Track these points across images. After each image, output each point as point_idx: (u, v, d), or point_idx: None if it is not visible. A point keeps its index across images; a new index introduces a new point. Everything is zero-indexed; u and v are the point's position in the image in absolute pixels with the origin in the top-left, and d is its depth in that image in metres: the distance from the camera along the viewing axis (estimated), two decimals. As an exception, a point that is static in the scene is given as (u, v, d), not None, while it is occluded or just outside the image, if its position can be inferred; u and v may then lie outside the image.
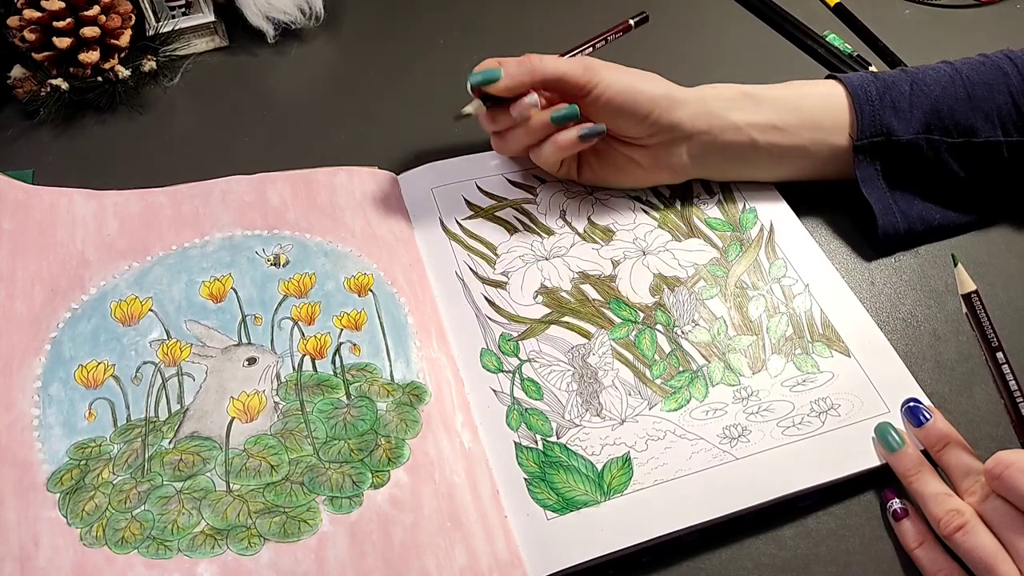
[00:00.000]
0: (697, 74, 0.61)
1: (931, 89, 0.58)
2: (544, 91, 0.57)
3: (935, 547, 0.45)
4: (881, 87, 0.58)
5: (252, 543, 0.45)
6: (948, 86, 0.58)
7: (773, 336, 0.55)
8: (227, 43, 0.76)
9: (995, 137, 0.57)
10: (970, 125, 0.57)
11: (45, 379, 0.51)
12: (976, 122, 0.57)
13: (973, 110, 0.57)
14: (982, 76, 0.58)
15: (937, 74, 0.59)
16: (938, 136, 0.57)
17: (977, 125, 0.57)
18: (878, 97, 0.57)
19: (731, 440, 0.50)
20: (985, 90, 0.57)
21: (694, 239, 0.60)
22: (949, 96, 0.57)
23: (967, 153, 0.58)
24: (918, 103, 0.57)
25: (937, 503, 0.45)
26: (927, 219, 0.59)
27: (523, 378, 0.52)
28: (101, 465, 0.47)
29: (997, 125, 0.57)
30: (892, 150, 0.58)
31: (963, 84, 0.58)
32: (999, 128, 0.57)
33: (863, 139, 0.57)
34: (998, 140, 0.57)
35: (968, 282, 0.46)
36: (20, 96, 0.69)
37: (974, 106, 0.57)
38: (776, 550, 0.47)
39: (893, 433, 0.49)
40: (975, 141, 0.57)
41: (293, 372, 0.52)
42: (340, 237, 0.59)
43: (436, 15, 0.80)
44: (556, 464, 0.49)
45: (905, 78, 0.59)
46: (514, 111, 0.55)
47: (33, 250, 0.56)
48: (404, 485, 0.47)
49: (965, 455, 0.47)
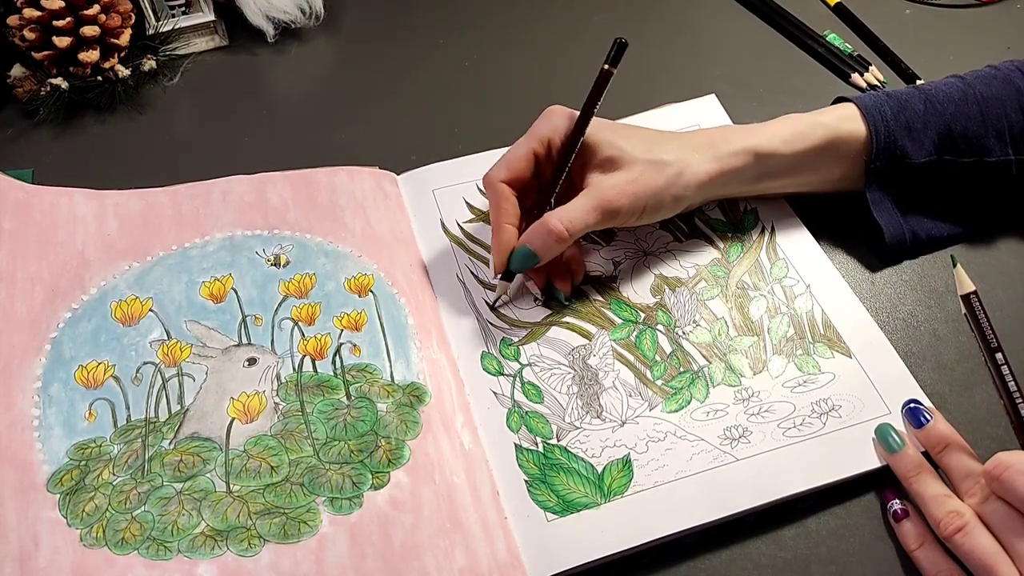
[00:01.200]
0: (697, 74, 0.61)
1: (944, 107, 0.57)
2: None
3: (935, 548, 0.45)
4: (895, 107, 0.57)
5: (252, 544, 0.45)
6: (961, 104, 0.57)
7: (774, 337, 0.55)
8: (227, 43, 0.75)
9: (1006, 156, 0.56)
10: (982, 145, 0.56)
11: (45, 379, 0.51)
12: (988, 141, 0.56)
13: (985, 129, 0.56)
14: (994, 91, 0.57)
15: (950, 90, 0.58)
16: (951, 157, 0.56)
17: (989, 144, 0.56)
18: (893, 118, 0.56)
19: (732, 441, 0.49)
20: (998, 107, 0.57)
21: (695, 240, 0.60)
22: (962, 115, 0.56)
23: (978, 172, 0.57)
24: (932, 123, 0.56)
25: (937, 504, 0.45)
26: (934, 234, 0.59)
27: (524, 382, 0.52)
28: (101, 466, 0.47)
29: (1008, 143, 0.56)
30: (904, 173, 0.57)
31: (975, 101, 0.57)
32: (1010, 147, 0.56)
33: (877, 163, 0.56)
34: (1008, 159, 0.57)
35: (967, 283, 0.45)
36: (20, 95, 0.68)
37: (986, 125, 0.56)
38: (776, 550, 0.47)
39: (893, 434, 0.49)
40: (987, 160, 0.57)
41: (293, 373, 0.52)
42: (340, 237, 0.59)
43: (436, 15, 0.79)
44: (556, 466, 0.49)
45: (919, 96, 0.58)
46: None
47: (33, 250, 0.56)
48: (404, 486, 0.47)
49: (965, 457, 0.47)
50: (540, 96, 0.71)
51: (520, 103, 0.71)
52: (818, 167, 0.57)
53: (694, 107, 0.67)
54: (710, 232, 0.60)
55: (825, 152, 0.56)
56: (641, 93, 0.69)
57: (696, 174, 0.54)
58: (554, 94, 0.71)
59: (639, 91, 0.69)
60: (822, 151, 0.56)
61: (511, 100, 0.72)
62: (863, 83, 0.71)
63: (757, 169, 0.56)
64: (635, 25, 0.78)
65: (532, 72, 0.74)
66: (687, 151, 0.55)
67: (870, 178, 0.57)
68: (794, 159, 0.56)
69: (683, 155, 0.55)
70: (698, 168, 0.55)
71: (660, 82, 0.71)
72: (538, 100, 0.70)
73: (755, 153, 0.56)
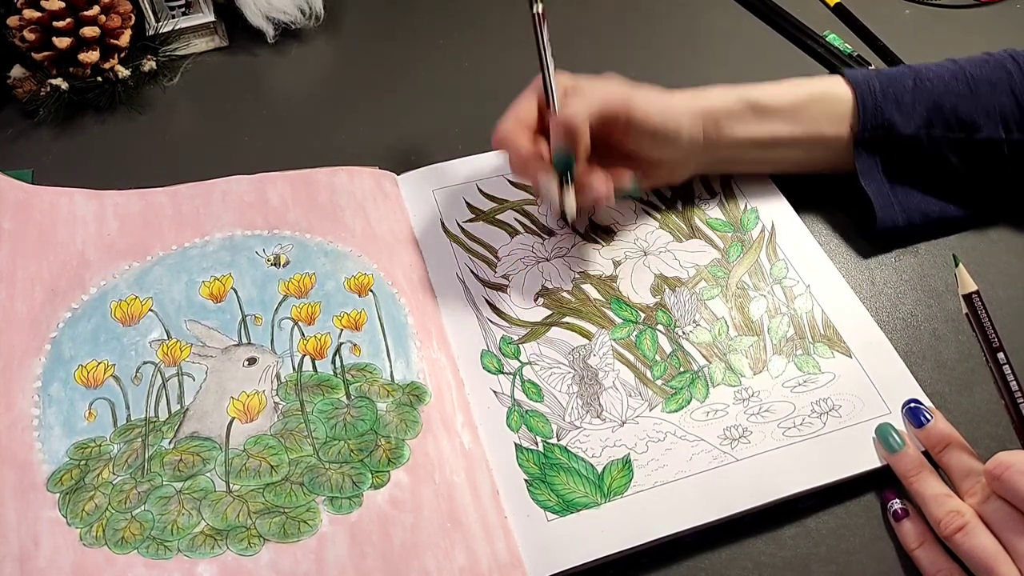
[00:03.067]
0: (697, 74, 0.61)
1: (934, 84, 0.58)
2: None
3: (935, 548, 0.45)
4: (884, 81, 0.58)
5: (252, 543, 0.45)
6: (951, 82, 0.58)
7: (774, 337, 0.55)
8: (227, 43, 0.76)
9: (996, 135, 0.57)
10: (972, 121, 0.57)
11: (45, 379, 0.51)
12: (978, 118, 0.57)
13: (975, 106, 0.57)
14: (985, 73, 0.58)
15: (940, 70, 0.59)
16: (939, 131, 0.57)
17: (979, 121, 0.57)
18: (881, 91, 0.57)
19: (732, 441, 0.49)
20: (988, 87, 0.57)
21: (695, 240, 0.60)
22: (952, 92, 0.57)
23: (967, 149, 0.58)
24: (920, 98, 0.57)
25: (937, 504, 0.45)
26: (926, 212, 0.59)
27: (524, 380, 0.52)
28: (101, 465, 0.47)
29: (999, 123, 0.57)
30: (893, 144, 0.58)
31: (966, 80, 0.58)
32: (1000, 126, 0.57)
33: (865, 132, 0.57)
34: (999, 138, 0.57)
35: (969, 282, 0.45)
36: (20, 96, 0.68)
37: (976, 103, 0.57)
38: (776, 550, 0.47)
39: (894, 434, 0.49)
40: (976, 137, 0.57)
41: (293, 372, 0.52)
42: (340, 237, 0.59)
43: (436, 15, 0.79)
44: (556, 466, 0.49)
45: (908, 73, 0.59)
46: None
47: (33, 250, 0.56)
48: (404, 486, 0.47)
49: (966, 456, 0.47)
50: (540, 96, 0.71)
51: (520, 103, 0.71)
52: (809, 120, 0.58)
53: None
54: (710, 232, 0.60)
55: (815, 104, 0.58)
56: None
57: (692, 98, 0.57)
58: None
59: (639, 91, 0.69)
60: (812, 102, 0.58)
61: (511, 100, 0.71)
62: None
63: (751, 113, 0.58)
64: (635, 25, 0.78)
65: (532, 72, 0.74)
66: (676, 97, 0.57)
67: (859, 147, 0.58)
68: (784, 108, 0.58)
69: (675, 97, 0.57)
70: (693, 97, 0.57)
71: (660, 82, 0.70)
72: (538, 100, 0.71)
73: (747, 102, 0.58)
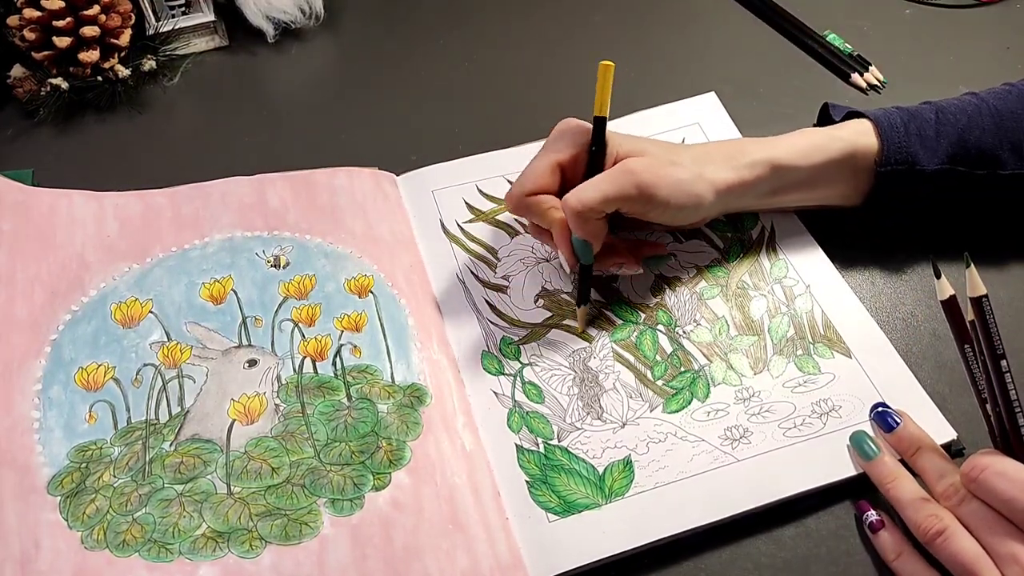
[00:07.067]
0: (697, 74, 0.61)
1: (957, 119, 0.56)
2: None
3: (914, 557, 0.44)
4: (906, 117, 0.56)
5: (253, 546, 0.45)
6: (975, 116, 0.56)
7: (774, 337, 0.55)
8: (227, 43, 0.75)
9: (1020, 170, 0.56)
10: (995, 157, 0.56)
11: (45, 382, 0.51)
12: (1002, 154, 0.56)
13: (1000, 141, 0.56)
14: (1009, 106, 0.57)
15: (963, 104, 0.57)
16: (964, 168, 0.56)
17: (1003, 157, 0.56)
18: (903, 126, 0.56)
19: (732, 442, 0.50)
20: (1013, 120, 0.56)
21: (695, 240, 0.60)
22: (975, 127, 0.56)
23: (991, 184, 0.56)
24: (944, 132, 0.56)
25: (915, 509, 0.44)
26: None
27: (524, 382, 0.52)
28: (102, 468, 0.47)
29: (1023, 157, 0.56)
30: (915, 180, 0.56)
31: (990, 114, 0.56)
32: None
33: (887, 167, 0.55)
34: (1022, 173, 0.56)
35: (980, 285, 0.44)
36: (20, 96, 0.68)
37: (1001, 137, 0.56)
38: (776, 550, 0.47)
39: (868, 441, 0.48)
40: (1000, 174, 0.56)
41: (294, 374, 0.52)
42: (340, 238, 0.59)
43: (436, 15, 0.79)
44: (557, 467, 0.49)
45: (929, 108, 0.57)
46: None
47: (33, 252, 0.56)
48: (405, 487, 0.47)
49: (938, 458, 0.46)
50: (540, 96, 0.71)
51: (520, 103, 0.71)
52: (835, 181, 0.57)
53: (694, 105, 0.67)
54: (710, 232, 0.60)
55: (842, 165, 0.56)
56: (641, 93, 0.68)
57: (714, 181, 0.54)
58: (554, 94, 0.71)
59: (639, 91, 0.69)
60: (840, 164, 0.56)
61: (511, 100, 0.72)
62: (863, 83, 0.71)
63: (774, 182, 0.56)
64: (635, 25, 0.78)
65: (532, 72, 0.74)
66: (704, 161, 0.55)
67: (879, 182, 0.56)
68: (811, 172, 0.56)
69: (701, 163, 0.54)
70: (715, 176, 0.54)
71: (660, 82, 0.71)
72: (538, 100, 0.71)
73: (772, 165, 0.55)
